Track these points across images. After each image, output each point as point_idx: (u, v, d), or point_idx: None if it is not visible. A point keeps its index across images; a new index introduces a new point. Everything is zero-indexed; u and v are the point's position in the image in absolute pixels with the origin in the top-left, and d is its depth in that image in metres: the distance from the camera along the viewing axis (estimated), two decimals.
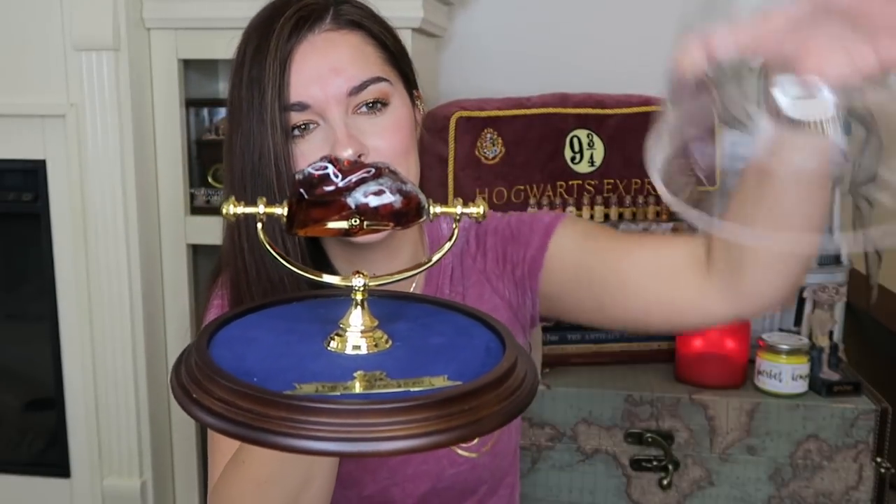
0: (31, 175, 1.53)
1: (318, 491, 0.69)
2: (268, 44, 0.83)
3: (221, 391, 0.45)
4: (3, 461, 1.68)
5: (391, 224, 0.50)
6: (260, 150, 0.83)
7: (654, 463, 1.29)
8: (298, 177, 0.49)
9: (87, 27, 1.43)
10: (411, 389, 0.45)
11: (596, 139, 1.45)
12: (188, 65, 1.57)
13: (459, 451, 0.91)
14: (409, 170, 0.82)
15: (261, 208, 0.50)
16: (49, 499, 1.64)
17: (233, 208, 0.50)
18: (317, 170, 0.49)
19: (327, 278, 0.51)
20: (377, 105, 0.81)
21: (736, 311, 0.79)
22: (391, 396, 0.44)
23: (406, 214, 0.49)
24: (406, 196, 0.49)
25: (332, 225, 0.49)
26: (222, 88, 1.73)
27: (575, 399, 1.30)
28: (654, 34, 1.58)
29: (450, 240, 0.53)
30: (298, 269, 0.53)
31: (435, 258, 0.54)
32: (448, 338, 0.52)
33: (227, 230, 0.91)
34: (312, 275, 0.52)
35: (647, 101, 1.47)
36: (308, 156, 0.81)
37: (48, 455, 1.65)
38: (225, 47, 0.89)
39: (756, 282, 0.75)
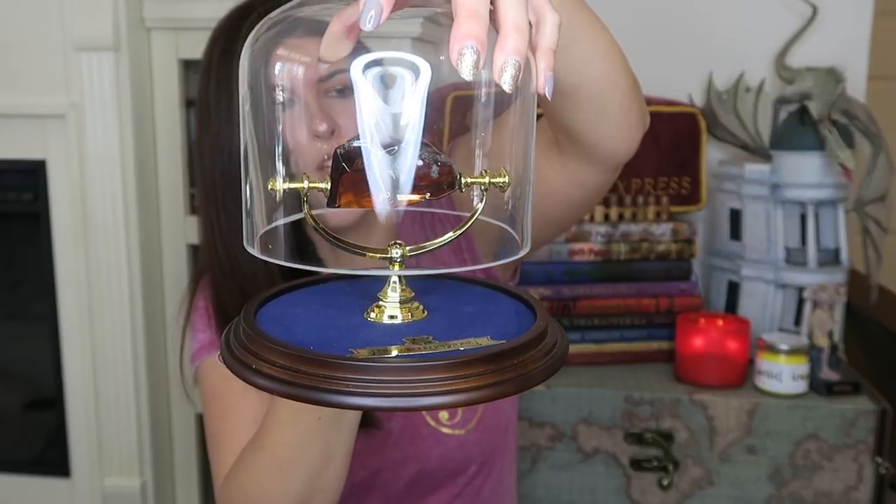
0: (31, 175, 1.53)
1: (336, 471, 0.70)
2: (234, 46, 0.85)
3: (282, 359, 0.47)
4: (3, 461, 1.68)
5: (427, 194, 0.50)
6: (229, 149, 0.85)
7: (654, 463, 1.29)
8: (339, 151, 0.50)
9: (87, 27, 1.43)
10: (460, 349, 0.48)
11: None
12: (188, 65, 1.57)
13: (444, 430, 0.92)
14: None
15: (305, 184, 0.51)
16: (49, 499, 1.64)
17: (279, 184, 0.51)
18: (355, 142, 0.49)
19: (368, 253, 0.54)
20: (345, 90, 0.82)
21: (603, 167, 0.79)
22: (444, 355, 0.47)
23: (441, 184, 0.50)
24: (442, 166, 0.50)
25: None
26: None
27: (575, 399, 1.30)
28: (654, 35, 1.59)
29: (480, 204, 0.54)
30: (343, 244, 0.54)
31: (466, 226, 0.56)
32: (479, 306, 0.55)
33: (202, 232, 0.92)
34: (355, 249, 0.54)
35: (646, 102, 1.46)
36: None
37: (48, 455, 1.65)
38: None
39: (595, 135, 0.75)
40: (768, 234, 1.41)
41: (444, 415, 0.93)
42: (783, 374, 1.27)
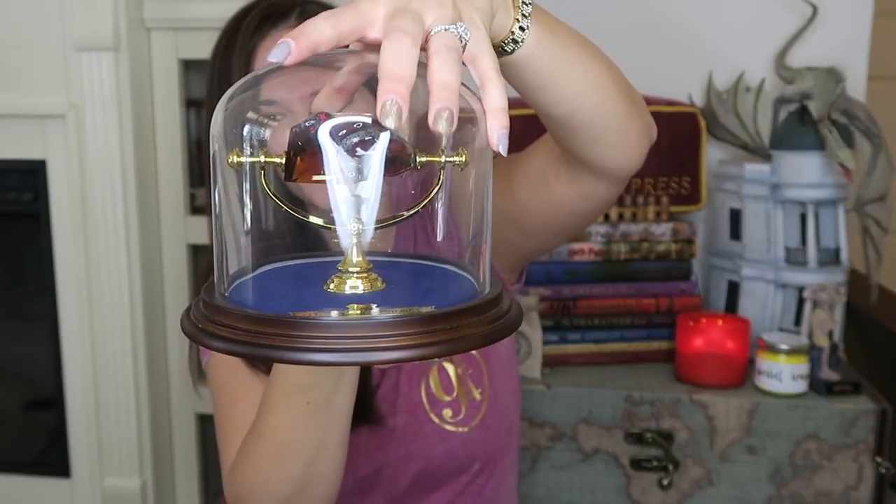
0: (31, 175, 1.53)
1: (330, 460, 0.72)
2: (235, 41, 0.88)
3: (226, 319, 0.51)
4: (3, 461, 1.68)
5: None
6: None
7: (654, 463, 1.29)
8: (295, 129, 0.51)
9: (87, 27, 1.43)
10: (398, 314, 0.49)
11: None
12: (188, 65, 1.57)
13: (448, 427, 0.92)
14: None
15: (262, 158, 0.54)
16: (49, 499, 1.65)
17: (235, 158, 0.53)
18: (310, 122, 0.51)
19: (334, 226, 0.55)
20: None
21: (611, 181, 0.81)
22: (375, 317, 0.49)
23: (395, 161, 0.52)
24: (395, 144, 0.51)
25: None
26: None
27: (575, 399, 1.30)
28: (654, 35, 1.59)
29: (437, 185, 0.55)
30: (297, 214, 0.55)
31: (423, 203, 0.56)
32: (438, 282, 0.58)
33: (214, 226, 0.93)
34: (314, 222, 0.56)
35: (646, 102, 1.47)
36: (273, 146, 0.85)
37: (48, 455, 1.65)
38: None
39: (595, 157, 0.76)
40: (768, 234, 1.41)
41: (447, 412, 0.93)
42: (783, 373, 1.27)
